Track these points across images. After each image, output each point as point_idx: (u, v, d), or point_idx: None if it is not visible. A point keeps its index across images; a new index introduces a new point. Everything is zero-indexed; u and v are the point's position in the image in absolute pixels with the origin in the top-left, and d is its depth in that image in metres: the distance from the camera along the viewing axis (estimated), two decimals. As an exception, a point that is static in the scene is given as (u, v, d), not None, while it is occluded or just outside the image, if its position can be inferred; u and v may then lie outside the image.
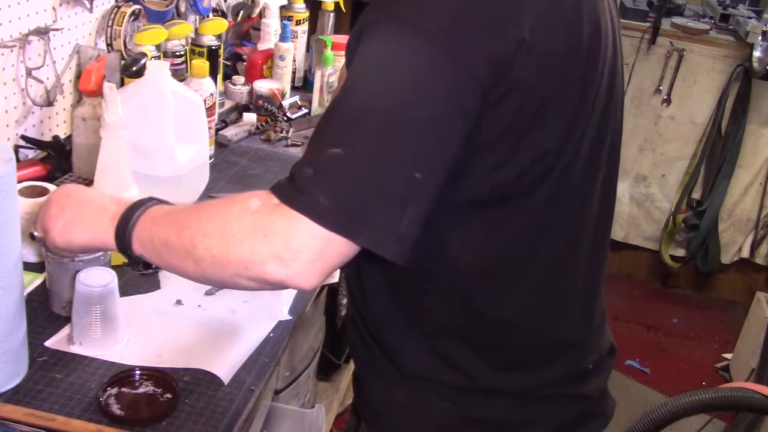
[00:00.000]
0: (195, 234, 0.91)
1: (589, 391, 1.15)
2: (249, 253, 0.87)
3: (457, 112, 0.87)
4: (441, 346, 1.06)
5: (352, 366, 1.59)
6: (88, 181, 1.51)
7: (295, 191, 0.85)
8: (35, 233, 1.14)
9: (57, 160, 1.68)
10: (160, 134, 1.55)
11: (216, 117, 1.94)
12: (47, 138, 1.74)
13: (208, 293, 1.39)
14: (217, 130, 2.00)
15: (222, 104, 2.12)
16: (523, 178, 0.96)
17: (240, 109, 2.18)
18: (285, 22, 2.33)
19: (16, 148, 1.67)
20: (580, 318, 1.13)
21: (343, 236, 0.84)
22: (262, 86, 2.22)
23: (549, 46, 0.92)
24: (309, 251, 0.85)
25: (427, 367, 1.07)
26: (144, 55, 1.76)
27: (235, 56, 2.40)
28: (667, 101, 3.54)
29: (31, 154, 1.71)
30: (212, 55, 2.01)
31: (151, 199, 1.03)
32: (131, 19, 1.87)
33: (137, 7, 1.89)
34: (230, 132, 2.05)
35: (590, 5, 0.99)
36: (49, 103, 1.70)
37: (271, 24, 2.37)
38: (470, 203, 0.96)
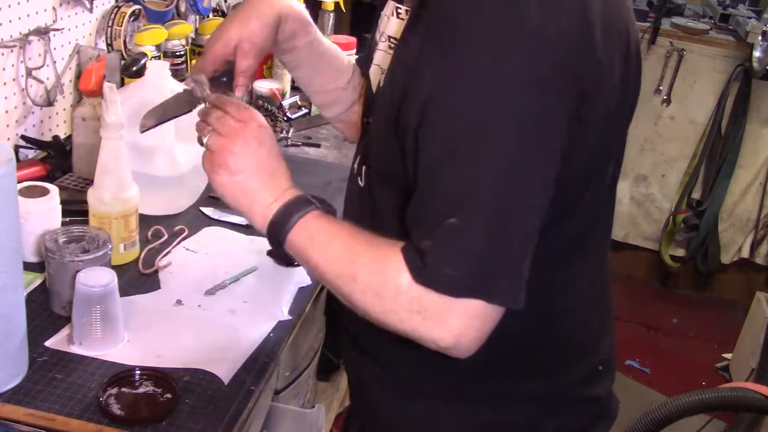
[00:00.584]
0: (351, 293, 0.93)
1: (600, 393, 1.15)
2: (410, 330, 0.89)
3: (557, 147, 0.86)
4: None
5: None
6: (88, 181, 1.50)
7: (421, 264, 0.86)
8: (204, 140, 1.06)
9: (57, 160, 1.68)
10: (160, 134, 1.55)
11: (216, 117, 1.93)
12: (47, 138, 1.74)
13: (208, 293, 1.39)
14: (217, 130, 2.00)
15: (222, 104, 2.11)
16: (576, 187, 0.96)
17: (240, 109, 2.18)
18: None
19: (16, 148, 1.67)
20: (599, 316, 1.13)
21: (478, 299, 0.85)
22: (262, 86, 2.22)
23: (611, 64, 0.91)
24: (468, 331, 0.87)
25: (440, 377, 1.06)
26: (144, 55, 1.77)
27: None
28: (667, 101, 3.54)
29: (31, 154, 1.71)
30: (212, 55, 2.01)
31: (308, 201, 0.98)
32: (131, 19, 1.87)
33: (137, 7, 1.89)
34: (230, 132, 2.05)
35: (628, 12, 0.98)
36: (49, 103, 1.70)
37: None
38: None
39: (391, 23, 1.05)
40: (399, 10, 1.04)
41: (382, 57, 1.07)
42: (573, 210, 0.98)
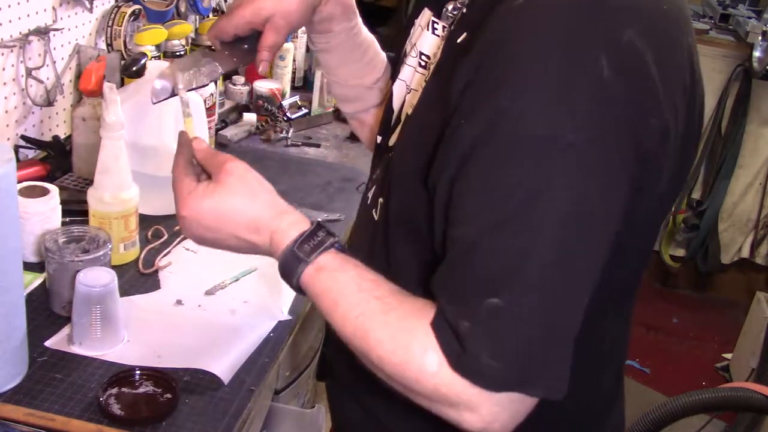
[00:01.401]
0: (370, 365, 0.83)
1: None
2: (436, 409, 0.80)
3: (615, 221, 0.77)
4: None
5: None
6: (88, 181, 1.50)
7: (458, 348, 0.75)
8: None
9: (57, 160, 1.68)
10: (160, 134, 1.55)
11: (216, 117, 1.94)
12: (47, 138, 1.74)
13: (208, 293, 1.39)
14: (217, 130, 2.00)
15: (222, 104, 2.12)
16: (627, 245, 0.84)
17: (240, 109, 2.18)
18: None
19: (16, 148, 1.66)
20: (614, 383, 1.06)
21: (519, 393, 0.76)
22: (262, 86, 2.22)
23: (677, 126, 0.81)
24: (502, 416, 0.77)
25: None
26: (144, 55, 1.76)
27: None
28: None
29: (31, 154, 1.71)
30: (212, 55, 2.01)
31: (315, 236, 0.87)
32: (131, 19, 1.87)
33: (137, 7, 1.89)
34: (230, 132, 2.05)
35: (695, 54, 0.87)
36: (49, 103, 1.70)
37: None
38: None
39: (424, 38, 0.97)
40: (435, 26, 0.95)
41: (410, 74, 0.99)
42: (621, 268, 0.88)
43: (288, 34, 1.02)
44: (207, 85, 1.06)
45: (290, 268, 0.87)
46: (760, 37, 3.22)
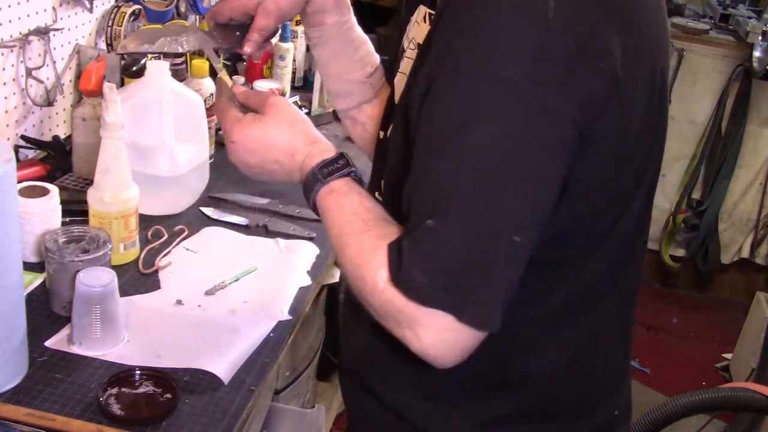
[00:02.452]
0: (346, 272, 0.90)
1: None
2: (389, 327, 0.86)
3: (554, 167, 0.80)
4: (457, 397, 0.99)
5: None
6: (88, 181, 1.51)
7: (398, 264, 0.82)
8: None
9: (57, 160, 1.68)
10: (160, 134, 1.55)
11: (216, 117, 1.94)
12: (47, 138, 1.74)
13: (208, 293, 1.39)
14: (217, 130, 2.00)
15: (222, 104, 2.11)
16: (594, 222, 0.89)
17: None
18: (285, 22, 2.33)
19: (16, 148, 1.67)
20: (621, 360, 1.08)
21: (445, 312, 0.80)
22: (262, 86, 2.22)
23: (636, 86, 0.84)
24: (441, 345, 0.82)
25: (437, 422, 1.00)
26: (144, 55, 1.76)
27: (235, 56, 2.40)
28: (668, 101, 3.54)
29: (31, 154, 1.71)
30: (212, 55, 2.01)
31: (336, 162, 0.95)
32: (131, 19, 1.87)
33: (137, 7, 1.89)
34: (230, 132, 2.05)
35: (663, 22, 0.92)
36: (49, 103, 1.70)
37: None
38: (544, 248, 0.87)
39: (421, 29, 1.01)
40: (433, 17, 0.97)
41: (408, 65, 1.01)
42: (594, 253, 0.92)
43: (280, 19, 1.06)
44: (182, 54, 1.11)
45: (309, 187, 0.96)
46: (760, 37, 3.22)
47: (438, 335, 0.81)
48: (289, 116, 1.01)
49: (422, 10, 1.02)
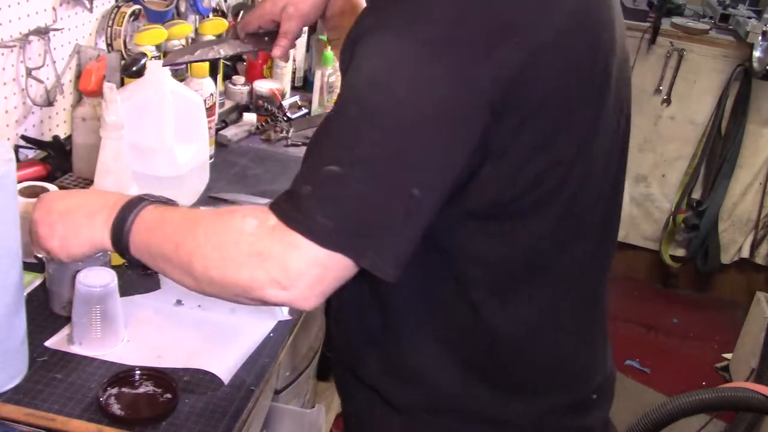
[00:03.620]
0: (192, 252, 0.89)
1: (592, 423, 1.10)
2: (247, 278, 0.85)
3: (460, 128, 0.83)
4: (437, 370, 1.02)
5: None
6: (89, 181, 1.50)
7: (293, 210, 0.83)
8: (39, 255, 1.14)
9: (57, 160, 1.68)
10: (160, 134, 1.55)
11: (216, 117, 1.94)
12: (47, 138, 1.74)
13: (208, 293, 1.39)
14: (217, 130, 2.00)
15: (222, 104, 2.12)
16: (530, 192, 0.92)
17: (240, 109, 2.18)
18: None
19: (16, 148, 1.66)
20: (586, 339, 1.09)
21: (346, 256, 0.82)
22: (262, 86, 2.22)
23: (567, 57, 0.87)
24: (308, 276, 0.83)
25: (422, 396, 1.03)
26: (144, 55, 1.76)
27: (235, 56, 2.40)
28: (667, 101, 3.54)
29: (31, 154, 1.71)
30: (212, 55, 2.01)
31: (142, 199, 0.99)
32: (131, 19, 1.87)
33: (137, 7, 1.89)
34: (230, 132, 2.05)
35: (607, 5, 0.95)
36: (49, 103, 1.70)
37: (271, 24, 2.37)
38: (474, 217, 0.92)
39: None
40: None
41: None
42: (539, 217, 0.94)
43: (302, 22, 1.16)
44: (222, 57, 1.26)
45: (126, 214, 0.97)
46: (760, 37, 3.22)
47: (308, 268, 0.82)
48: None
49: None
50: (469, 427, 1.04)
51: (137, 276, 1.41)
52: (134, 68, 1.71)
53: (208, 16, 2.22)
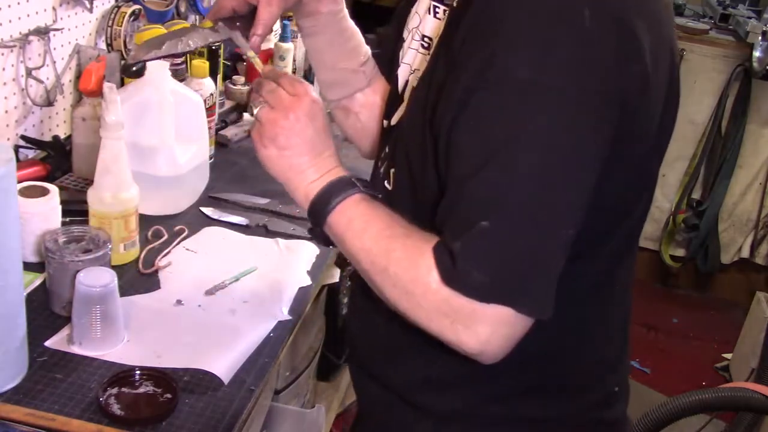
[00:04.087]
0: (384, 282, 0.91)
1: (617, 416, 1.12)
2: (437, 331, 0.88)
3: (595, 161, 0.85)
4: (477, 375, 1.01)
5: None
6: (88, 181, 1.51)
7: (451, 266, 0.85)
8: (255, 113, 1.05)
9: (57, 160, 1.68)
10: (160, 134, 1.55)
11: (216, 117, 1.94)
12: (47, 138, 1.74)
13: (208, 293, 1.39)
14: (217, 130, 2.00)
15: (222, 104, 2.12)
16: (617, 208, 0.95)
17: (240, 109, 2.18)
18: (285, 22, 2.34)
19: (16, 148, 1.67)
20: (621, 333, 1.12)
21: (506, 305, 0.83)
22: (262, 86, 2.21)
23: (660, 80, 0.90)
24: (495, 338, 0.85)
25: (454, 401, 1.03)
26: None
27: (235, 56, 2.40)
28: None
29: (31, 154, 1.71)
30: (212, 55, 2.01)
31: (351, 184, 0.98)
32: (131, 19, 1.87)
33: (137, 7, 1.89)
34: (230, 132, 2.05)
35: (673, 18, 0.97)
36: (49, 103, 1.70)
37: (271, 24, 2.37)
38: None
39: (426, 22, 1.03)
40: (437, 9, 1.02)
41: (413, 56, 1.05)
42: (611, 234, 0.97)
43: (281, 7, 1.06)
44: (191, 51, 1.13)
45: (340, 189, 0.96)
46: (760, 37, 3.22)
47: (495, 329, 0.85)
48: (328, 126, 1.03)
49: (425, 2, 1.03)
50: (505, 426, 1.04)
51: (137, 276, 1.42)
52: (134, 68, 1.71)
53: (208, 16, 2.22)
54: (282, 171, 1.00)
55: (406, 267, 0.89)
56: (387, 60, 1.16)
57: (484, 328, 0.84)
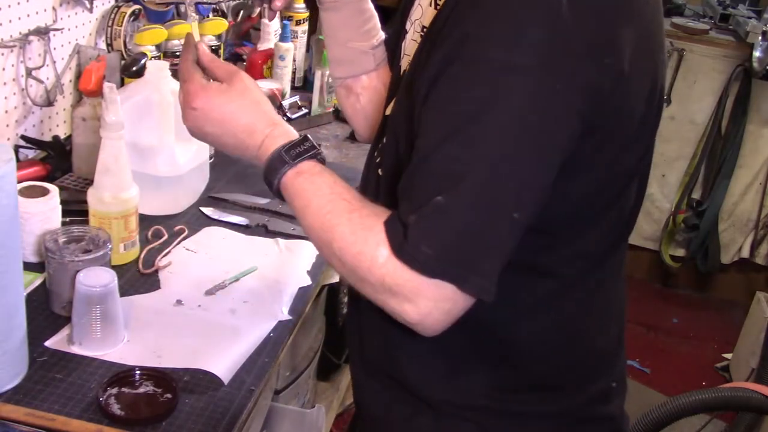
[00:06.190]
0: (332, 252, 0.91)
1: (614, 411, 1.12)
2: (381, 302, 0.89)
3: (557, 149, 0.85)
4: (469, 368, 1.03)
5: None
6: (88, 181, 1.51)
7: (402, 239, 0.85)
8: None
9: (57, 160, 1.68)
10: (160, 134, 1.55)
11: (216, 117, 1.93)
12: (47, 138, 1.74)
13: (208, 293, 1.39)
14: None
15: (222, 104, 2.11)
16: (591, 204, 0.95)
17: (240, 109, 2.17)
18: (285, 22, 2.34)
19: (16, 148, 1.67)
20: (616, 329, 1.12)
21: (450, 282, 0.84)
22: (262, 86, 2.20)
23: (641, 75, 0.90)
24: (435, 313, 0.86)
25: (454, 393, 1.04)
26: (144, 55, 1.77)
27: (235, 56, 2.40)
28: (667, 101, 3.54)
29: (31, 154, 1.71)
30: (212, 55, 2.01)
31: (302, 144, 0.97)
32: (131, 19, 1.87)
33: (137, 7, 1.89)
34: (230, 132, 2.05)
35: (661, 16, 0.98)
36: (49, 103, 1.70)
37: (271, 24, 2.37)
38: (534, 230, 0.92)
39: (426, 14, 1.04)
40: (438, 1, 1.02)
41: (412, 47, 1.06)
42: (596, 225, 0.97)
43: None
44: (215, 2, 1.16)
45: (274, 167, 0.96)
46: (760, 37, 3.22)
47: (436, 304, 0.85)
48: (256, 94, 1.03)
49: None
50: (500, 420, 1.05)
51: (137, 276, 1.42)
52: (134, 68, 1.71)
53: (208, 16, 2.22)
54: (230, 151, 1.03)
55: (351, 242, 0.89)
56: (391, 51, 1.17)
57: (426, 302, 0.85)
